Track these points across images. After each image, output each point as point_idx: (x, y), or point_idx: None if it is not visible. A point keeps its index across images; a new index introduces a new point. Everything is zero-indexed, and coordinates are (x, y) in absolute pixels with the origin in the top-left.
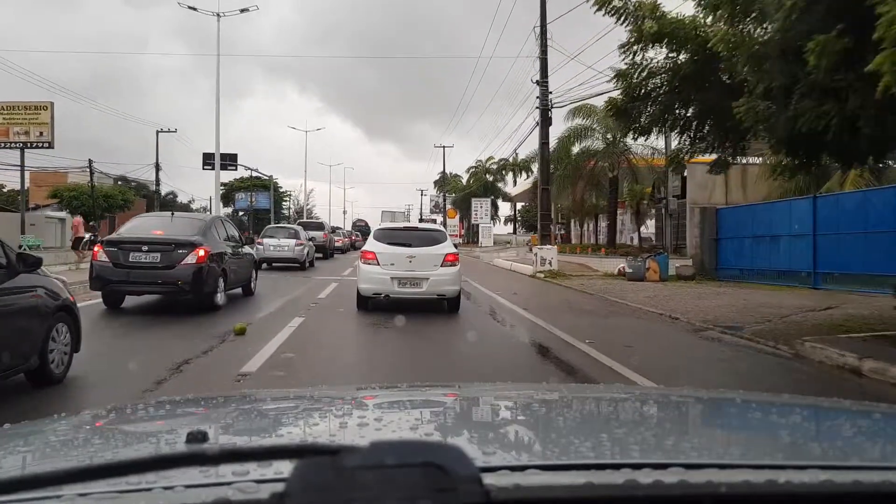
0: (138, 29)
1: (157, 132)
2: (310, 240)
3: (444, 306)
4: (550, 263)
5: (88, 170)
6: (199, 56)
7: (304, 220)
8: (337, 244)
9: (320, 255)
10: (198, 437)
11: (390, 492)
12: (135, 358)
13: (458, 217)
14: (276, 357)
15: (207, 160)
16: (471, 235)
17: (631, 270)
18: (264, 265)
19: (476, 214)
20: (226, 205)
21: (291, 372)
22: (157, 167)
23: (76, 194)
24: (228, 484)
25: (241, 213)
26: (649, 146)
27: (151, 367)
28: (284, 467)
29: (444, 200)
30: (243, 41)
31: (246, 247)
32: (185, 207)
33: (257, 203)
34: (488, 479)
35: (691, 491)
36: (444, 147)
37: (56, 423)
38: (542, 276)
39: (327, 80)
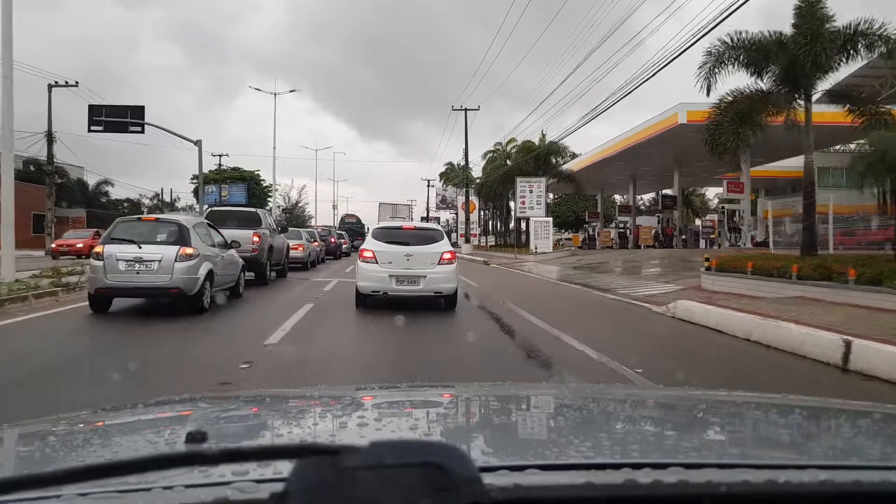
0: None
1: (50, 86)
2: (229, 246)
3: (441, 304)
4: None
5: None
6: (191, 53)
7: (219, 208)
8: (295, 252)
9: (251, 274)
10: (197, 437)
11: (390, 492)
12: None
13: (477, 210)
14: None
15: (95, 117)
16: (505, 235)
17: None
18: (124, 300)
19: (524, 202)
20: (198, 200)
21: None
22: (50, 138)
23: None
24: (228, 484)
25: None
26: None
27: None
28: (284, 467)
29: (467, 186)
30: (237, 40)
31: None
32: (137, 207)
33: (231, 197)
34: (488, 479)
35: (691, 491)
36: (465, 109)
37: (56, 424)
38: None
39: (321, 78)
